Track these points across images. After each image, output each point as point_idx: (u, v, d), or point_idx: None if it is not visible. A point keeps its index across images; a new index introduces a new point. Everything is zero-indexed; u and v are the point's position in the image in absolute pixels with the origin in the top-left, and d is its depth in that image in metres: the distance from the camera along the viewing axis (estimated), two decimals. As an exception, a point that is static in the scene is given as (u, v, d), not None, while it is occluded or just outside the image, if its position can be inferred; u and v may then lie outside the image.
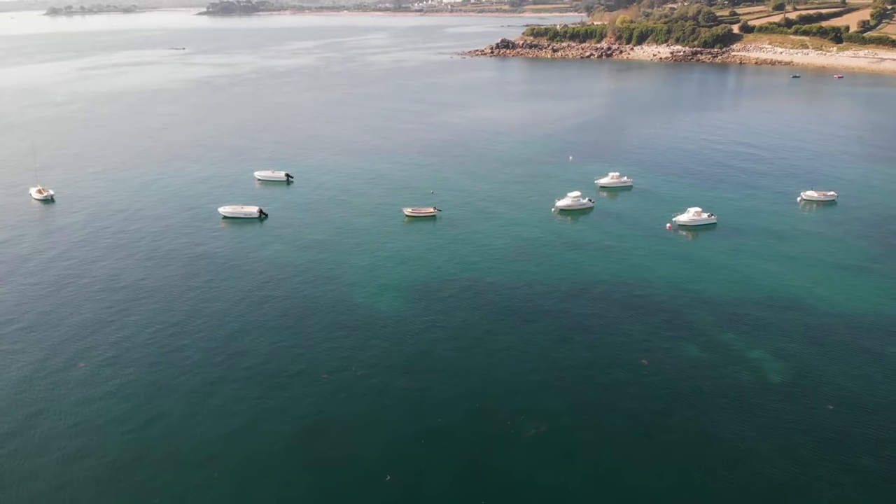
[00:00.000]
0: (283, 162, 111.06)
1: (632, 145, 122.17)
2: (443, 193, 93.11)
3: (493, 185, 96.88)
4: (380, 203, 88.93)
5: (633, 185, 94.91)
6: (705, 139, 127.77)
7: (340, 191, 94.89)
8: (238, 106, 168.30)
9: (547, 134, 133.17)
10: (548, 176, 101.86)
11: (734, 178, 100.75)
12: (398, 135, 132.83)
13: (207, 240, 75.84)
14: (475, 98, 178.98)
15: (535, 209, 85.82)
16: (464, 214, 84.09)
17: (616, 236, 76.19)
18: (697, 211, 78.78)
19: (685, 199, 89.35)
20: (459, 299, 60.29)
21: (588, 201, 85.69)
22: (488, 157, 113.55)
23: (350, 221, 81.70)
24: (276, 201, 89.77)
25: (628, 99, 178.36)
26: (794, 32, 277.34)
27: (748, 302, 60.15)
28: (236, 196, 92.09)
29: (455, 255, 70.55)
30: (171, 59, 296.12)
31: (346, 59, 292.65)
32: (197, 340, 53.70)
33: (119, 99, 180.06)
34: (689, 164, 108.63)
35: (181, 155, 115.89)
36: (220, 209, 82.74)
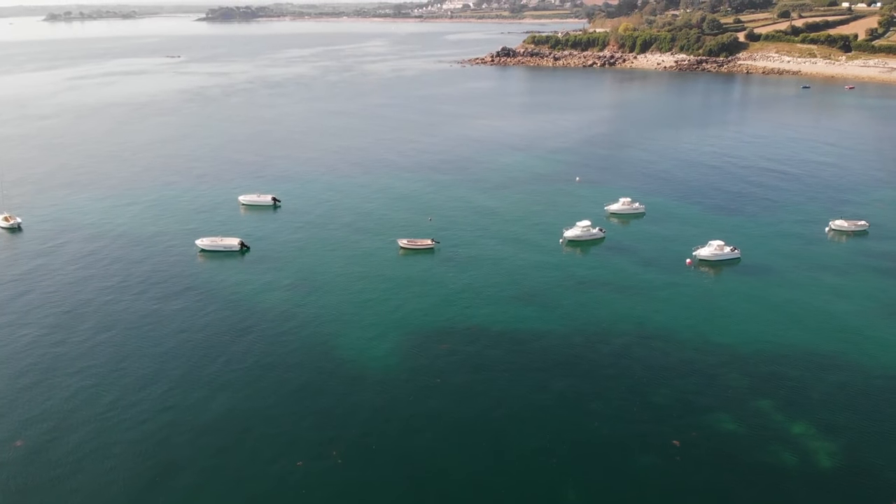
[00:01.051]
0: (271, 182, 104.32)
1: (641, 163, 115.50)
2: (441, 219, 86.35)
3: (494, 210, 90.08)
4: (373, 231, 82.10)
5: (645, 212, 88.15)
6: (719, 156, 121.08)
7: (330, 217, 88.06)
8: (228, 119, 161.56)
9: (551, 150, 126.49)
10: (553, 199, 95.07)
11: (754, 201, 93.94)
12: (395, 152, 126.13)
13: (181, 278, 68.92)
14: (475, 110, 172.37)
15: (542, 239, 78.95)
16: (463, 246, 77.23)
17: (632, 274, 69.30)
18: (720, 245, 71.95)
19: (702, 227, 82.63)
20: (459, 356, 53.32)
21: (599, 231, 78.88)
22: (489, 178, 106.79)
23: (339, 255, 74.82)
24: (260, 230, 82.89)
25: (634, 111, 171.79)
26: (801, 41, 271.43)
27: (784, 359, 53.19)
28: (218, 223, 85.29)
29: (454, 298, 63.66)
30: (164, 68, 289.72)
31: (343, 68, 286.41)
32: (156, 413, 46.71)
33: (104, 112, 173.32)
34: (703, 186, 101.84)
35: (162, 176, 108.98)
36: (197, 241, 75.86)
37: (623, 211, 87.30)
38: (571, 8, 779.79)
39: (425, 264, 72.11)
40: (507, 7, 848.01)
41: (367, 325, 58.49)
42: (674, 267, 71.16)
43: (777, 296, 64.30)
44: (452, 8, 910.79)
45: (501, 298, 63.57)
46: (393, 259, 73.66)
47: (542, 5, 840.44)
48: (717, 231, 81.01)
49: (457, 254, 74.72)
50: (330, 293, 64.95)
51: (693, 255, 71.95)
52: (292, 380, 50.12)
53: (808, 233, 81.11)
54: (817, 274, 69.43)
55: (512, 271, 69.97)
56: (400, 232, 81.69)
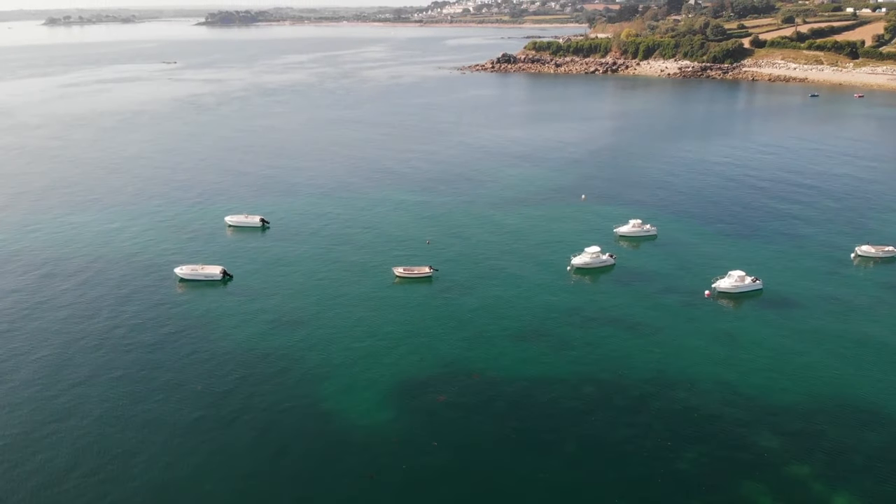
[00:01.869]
0: (261, 199, 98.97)
1: (649, 178, 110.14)
2: (439, 241, 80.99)
3: (496, 230, 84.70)
4: (367, 256, 76.71)
5: (657, 235, 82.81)
6: (731, 169, 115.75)
7: (322, 239, 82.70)
8: (220, 130, 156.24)
9: (554, 163, 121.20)
10: (559, 219, 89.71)
11: (770, 220, 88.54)
12: (392, 165, 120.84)
13: (155, 311, 63.48)
14: (475, 120, 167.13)
15: (547, 266, 73.56)
16: (463, 273, 71.86)
17: (646, 307, 63.88)
18: (740, 276, 66.53)
19: (718, 252, 77.29)
20: (459, 411, 47.83)
21: (609, 257, 73.51)
22: (490, 194, 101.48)
23: (329, 284, 69.42)
24: (245, 255, 77.44)
25: (640, 121, 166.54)
26: (807, 47, 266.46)
27: (819, 414, 47.70)
28: (202, 247, 79.89)
29: (453, 337, 58.24)
30: (158, 75, 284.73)
31: (341, 75, 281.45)
32: (102, 481, 41.27)
33: (94, 122, 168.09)
34: (716, 203, 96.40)
35: (145, 193, 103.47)
36: (176, 270, 70.44)
37: (633, 234, 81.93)
38: (572, 12, 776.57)
39: (422, 296, 66.71)
40: (508, 12, 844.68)
41: (357, 370, 53.05)
42: (691, 299, 65.75)
43: (805, 335, 58.84)
44: (452, 12, 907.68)
45: (505, 337, 58.17)
46: (388, 289, 68.27)
47: (542, 10, 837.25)
48: (733, 255, 75.73)
49: (456, 284, 69.33)
50: (317, 330, 59.53)
51: (712, 287, 66.56)
52: (270, 442, 44.63)
53: (832, 258, 75.65)
54: (847, 308, 63.98)
55: (516, 303, 64.58)
56: (396, 255, 76.37)
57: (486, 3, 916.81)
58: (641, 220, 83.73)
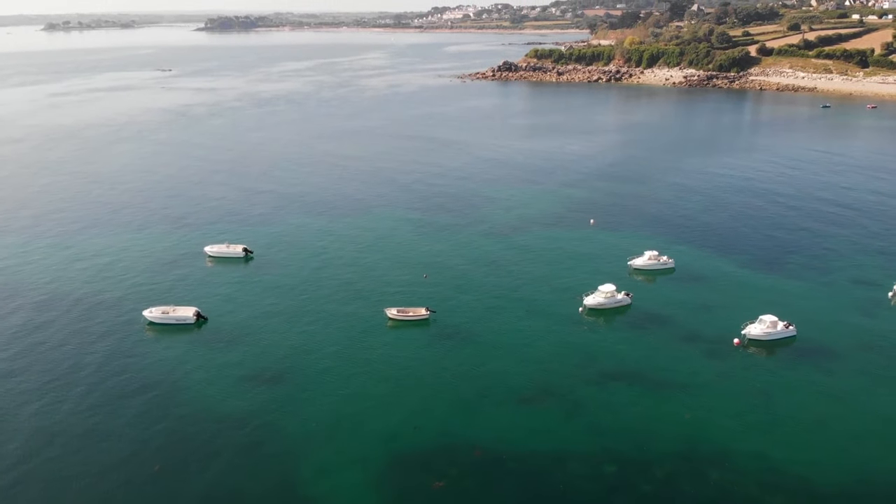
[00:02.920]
0: (247, 224, 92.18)
1: (663, 200, 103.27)
2: (437, 275, 74.13)
3: (499, 263, 77.83)
4: (358, 292, 69.82)
5: (675, 268, 76.00)
6: (749, 188, 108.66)
7: (310, 271, 75.81)
8: (209, 144, 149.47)
9: (559, 183, 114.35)
10: (567, 248, 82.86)
11: (798, 250, 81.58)
12: (388, 185, 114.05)
13: (117, 363, 56.54)
14: (476, 134, 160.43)
15: (557, 305, 66.69)
16: (463, 314, 64.99)
17: (669, 358, 56.95)
18: (772, 321, 59.70)
19: (744, 288, 70.45)
20: (458, 498, 40.94)
21: (625, 296, 66.63)
22: (492, 219, 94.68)
23: (315, 328, 62.53)
24: (224, 292, 70.52)
25: (648, 135, 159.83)
26: (815, 56, 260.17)
27: (872, 500, 40.92)
28: (177, 282, 73.05)
29: (453, 398, 51.32)
30: (151, 83, 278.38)
31: (338, 84, 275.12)
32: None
33: (78, 135, 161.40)
34: (735, 230, 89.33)
35: (121, 216, 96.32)
36: (145, 312, 63.56)
37: (650, 267, 75.08)
38: (572, 18, 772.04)
39: (418, 343, 59.84)
40: (508, 17, 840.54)
41: (341, 443, 46.13)
42: (719, 347, 58.87)
43: (848, 396, 51.83)
44: (453, 18, 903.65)
45: (511, 398, 51.24)
46: (379, 335, 61.41)
47: (542, 15, 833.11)
48: (758, 293, 68.96)
49: (455, 328, 62.46)
50: (298, 389, 52.65)
51: (742, 335, 59.69)
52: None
53: (868, 298, 68.53)
54: (890, 360, 57.06)
55: (522, 354, 57.70)
56: (389, 291, 69.56)
57: (486, 8, 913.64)
58: (657, 251, 76.94)
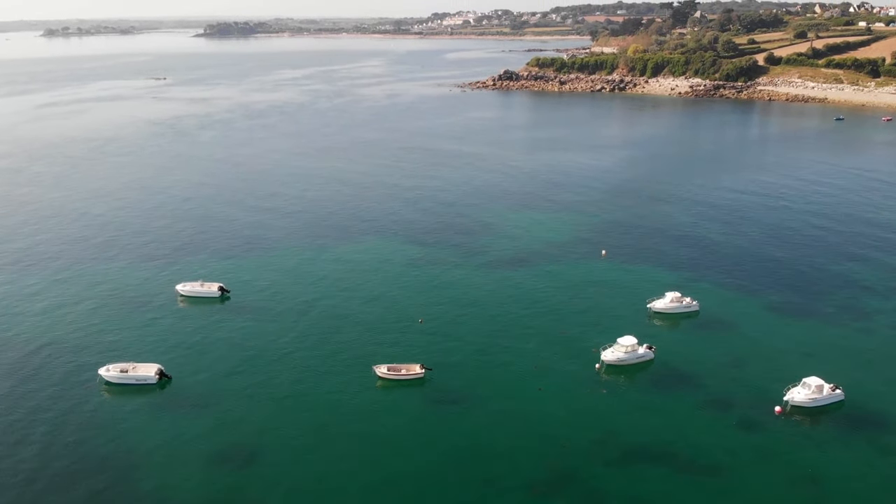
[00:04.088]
0: (226, 256, 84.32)
1: (678, 226, 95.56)
2: (434, 320, 66.38)
3: (501, 305, 70.05)
4: (345, 342, 61.98)
5: (699, 311, 68.31)
6: (773, 211, 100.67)
7: (292, 317, 67.90)
8: (195, 161, 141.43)
9: (565, 207, 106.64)
10: (577, 287, 74.97)
11: (835, 291, 73.45)
12: (381, 207, 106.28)
13: (70, 436, 48.66)
14: (477, 149, 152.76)
15: (570, 361, 58.86)
16: (463, 370, 57.27)
17: (702, 431, 49.06)
18: (818, 385, 51.91)
19: (775, 337, 62.76)
20: None
21: (647, 350, 58.92)
22: (494, 249, 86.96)
23: (293, 390, 54.68)
24: (193, 342, 62.59)
25: (657, 150, 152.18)
26: (825, 65, 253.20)
27: None
28: (142, 328, 65.23)
29: (452, 489, 43.55)
30: (143, 93, 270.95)
31: (335, 93, 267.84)
32: None
33: (60, 150, 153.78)
34: (763, 264, 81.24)
35: (92, 248, 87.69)
36: (102, 371, 55.73)
37: (672, 310, 67.30)
38: (573, 24, 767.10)
39: (411, 413, 51.98)
40: (508, 24, 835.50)
41: (316, 550, 38.45)
42: (757, 416, 51.08)
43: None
44: (453, 24, 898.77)
45: (520, 487, 43.44)
46: (367, 398, 53.63)
47: (542, 22, 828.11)
48: (794, 343, 61.35)
49: (454, 389, 54.64)
50: (271, 471, 44.89)
51: (784, 401, 51.95)
52: None
53: (921, 349, 61.19)
54: (960, 430, 49.43)
55: (533, 425, 49.86)
56: (380, 341, 61.83)
57: (486, 14, 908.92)
58: (679, 292, 69.21)
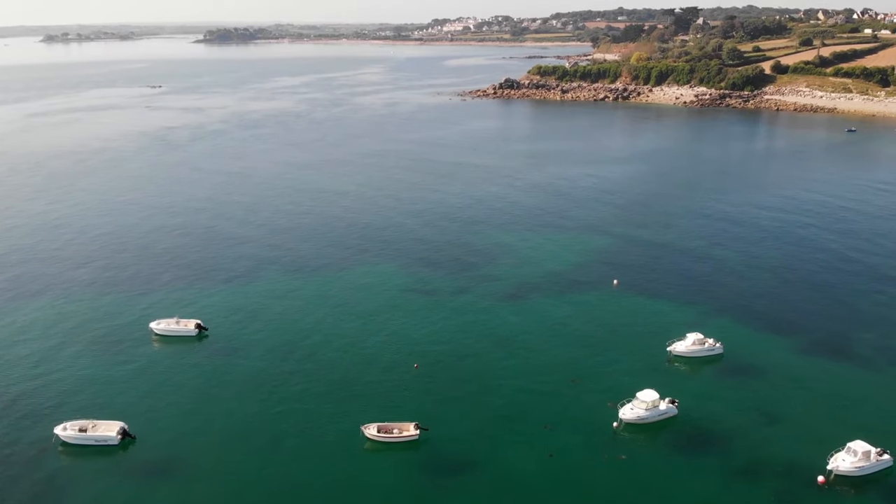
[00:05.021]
0: (206, 286, 78.01)
1: (695, 252, 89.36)
2: (430, 364, 60.18)
3: (508, 345, 63.97)
4: (329, 396, 55.71)
5: (723, 353, 62.20)
6: (796, 232, 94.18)
7: (274, 360, 61.61)
8: (183, 177, 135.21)
9: (572, 228, 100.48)
10: (589, 323, 68.67)
11: (870, 326, 67.32)
12: (376, 229, 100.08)
13: (16, 500, 42.82)
14: (478, 163, 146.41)
15: (583, 418, 52.52)
16: (464, 429, 51.03)
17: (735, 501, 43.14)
18: (865, 451, 45.57)
19: (809, 387, 56.61)
20: None
21: (669, 405, 52.68)
22: (497, 278, 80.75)
23: (273, 453, 48.47)
24: (163, 391, 56.29)
25: (666, 164, 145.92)
26: (833, 74, 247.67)
27: None
28: (111, 374, 59.10)
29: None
30: (138, 102, 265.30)
31: (333, 102, 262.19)
32: None
33: (45, 164, 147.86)
34: (788, 297, 74.99)
35: (65, 278, 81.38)
36: (57, 430, 49.55)
37: (694, 354, 61.17)
38: (573, 31, 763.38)
39: (404, 480, 45.84)
40: (508, 30, 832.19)
41: None
42: (797, 486, 44.96)
43: None
44: (453, 30, 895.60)
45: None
46: (354, 465, 47.36)
47: (543, 28, 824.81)
48: (831, 394, 55.24)
49: (452, 453, 48.48)
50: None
51: (828, 470, 45.79)
52: None
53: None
54: None
55: (543, 501, 43.76)
56: (370, 393, 55.70)
57: (486, 21, 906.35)
58: (701, 332, 63.08)
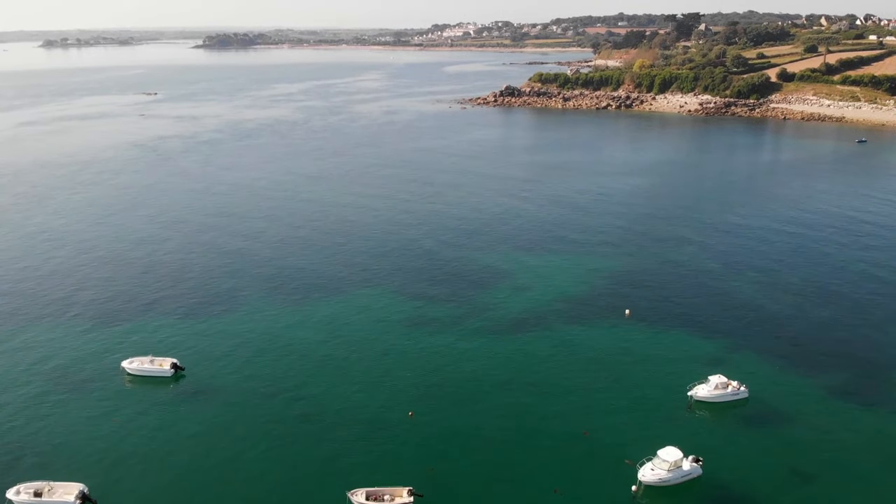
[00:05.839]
0: (186, 319, 72.21)
1: (711, 277, 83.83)
2: (426, 414, 54.65)
3: (510, 388, 58.40)
4: (312, 454, 50.17)
5: (749, 398, 56.67)
6: (821, 252, 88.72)
7: (254, 406, 55.93)
8: (171, 190, 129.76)
9: (578, 249, 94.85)
10: (599, 363, 63.08)
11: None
12: (371, 252, 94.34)
13: None
14: (479, 176, 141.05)
15: (598, 479, 46.87)
16: (464, 491, 45.53)
17: None
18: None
19: (847, 439, 51.00)
20: None
21: (693, 463, 47.11)
22: (499, 304, 75.23)
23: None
24: (132, 442, 50.75)
25: (675, 178, 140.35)
26: (841, 82, 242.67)
27: None
28: (70, 424, 53.47)
29: None
30: (131, 110, 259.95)
31: (330, 110, 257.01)
32: None
33: (27, 177, 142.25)
34: (816, 330, 69.44)
35: (25, 306, 75.58)
36: (10, 493, 43.97)
37: (717, 399, 55.67)
38: (573, 36, 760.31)
39: (395, 557, 40.36)
40: (508, 35, 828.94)
41: None
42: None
43: None
44: (453, 36, 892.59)
45: None
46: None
47: (543, 34, 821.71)
48: (874, 450, 49.61)
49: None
50: None
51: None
52: None
53: None
54: None
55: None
56: (358, 448, 50.09)
57: (486, 26, 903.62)
58: (724, 374, 57.52)
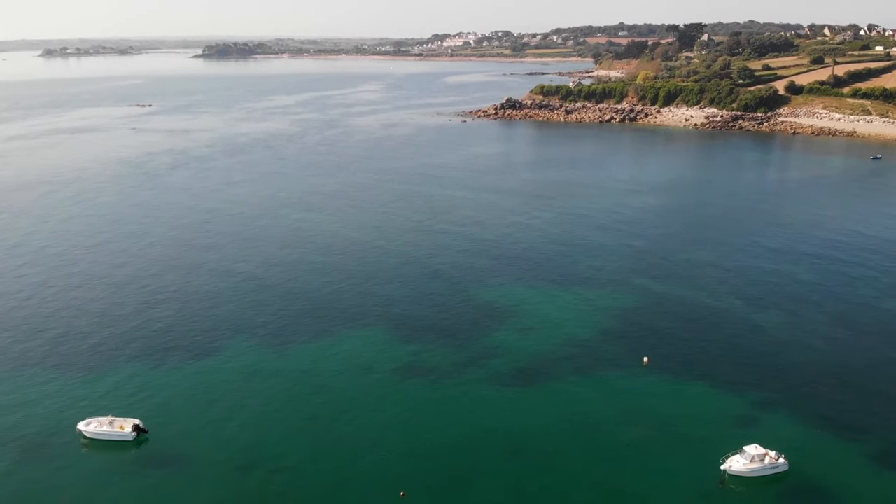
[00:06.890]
0: (150, 368, 65.05)
1: (737, 321, 76.71)
2: (420, 494, 47.75)
3: (515, 456, 51.53)
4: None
5: (789, 469, 49.73)
6: (846, 288, 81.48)
7: (224, 481, 49.09)
8: (153, 213, 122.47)
9: (587, 284, 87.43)
10: (615, 425, 56.07)
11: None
12: (363, 285, 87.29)
13: None
14: (480, 197, 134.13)
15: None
16: None
17: None
18: None
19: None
20: None
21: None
22: (502, 349, 68.29)
23: None
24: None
25: (687, 200, 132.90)
26: (851, 94, 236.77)
27: None
28: (18, 495, 46.60)
29: None
30: (123, 123, 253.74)
31: (327, 124, 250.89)
32: None
33: (8, 198, 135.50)
34: (851, 384, 62.55)
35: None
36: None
37: (753, 473, 48.77)
38: (574, 46, 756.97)
39: None
40: (509, 45, 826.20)
41: None
42: None
43: None
44: (453, 46, 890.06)
45: None
46: None
47: (543, 43, 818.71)
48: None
49: None
50: None
51: None
52: None
53: None
54: None
55: None
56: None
57: (486, 36, 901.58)
58: (761, 446, 50.58)
